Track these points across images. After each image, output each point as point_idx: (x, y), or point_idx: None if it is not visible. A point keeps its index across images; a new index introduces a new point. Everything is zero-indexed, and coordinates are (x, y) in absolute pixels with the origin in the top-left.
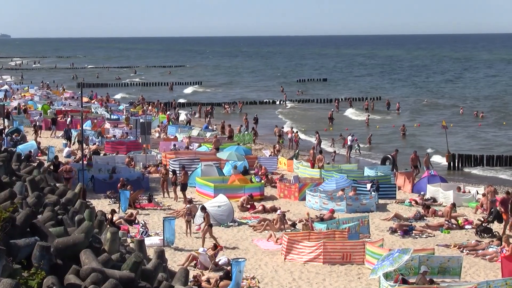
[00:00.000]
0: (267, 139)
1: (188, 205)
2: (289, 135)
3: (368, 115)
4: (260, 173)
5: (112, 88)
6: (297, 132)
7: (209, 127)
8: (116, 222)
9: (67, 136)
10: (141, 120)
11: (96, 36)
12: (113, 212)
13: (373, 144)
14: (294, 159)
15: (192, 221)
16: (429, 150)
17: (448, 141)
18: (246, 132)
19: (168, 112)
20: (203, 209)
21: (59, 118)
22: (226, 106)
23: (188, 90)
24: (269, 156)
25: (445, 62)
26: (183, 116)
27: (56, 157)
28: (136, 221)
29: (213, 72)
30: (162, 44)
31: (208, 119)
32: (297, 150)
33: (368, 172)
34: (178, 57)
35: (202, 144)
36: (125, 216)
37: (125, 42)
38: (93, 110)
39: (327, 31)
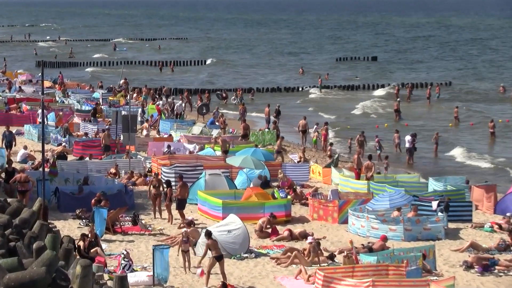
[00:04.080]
0: (292, 140)
1: (186, 229)
2: (315, 133)
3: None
4: (285, 185)
5: (82, 69)
6: (326, 126)
7: (216, 122)
8: (88, 251)
9: (8, 141)
10: (123, 113)
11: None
12: (84, 237)
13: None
14: (332, 167)
15: (192, 251)
16: None
17: None
18: (266, 130)
19: (159, 102)
20: (208, 235)
21: (12, 111)
22: (224, 94)
23: (184, 71)
24: (298, 162)
25: None
26: (180, 106)
27: (9, 162)
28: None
29: (217, 47)
30: (149, 7)
31: (216, 112)
32: (337, 155)
33: (434, 185)
34: (170, 26)
35: (206, 146)
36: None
37: (103, 5)
38: (57, 98)
39: None
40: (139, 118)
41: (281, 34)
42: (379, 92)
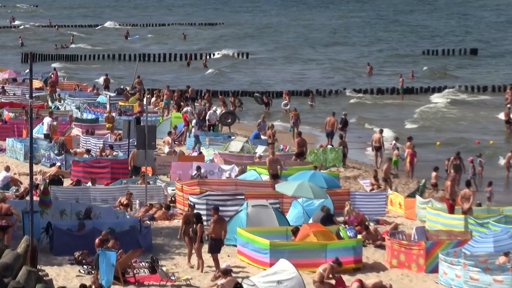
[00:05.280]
0: (362, 159)
1: (221, 281)
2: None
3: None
4: (354, 221)
5: (83, 64)
6: (410, 142)
7: (263, 136)
8: None
9: None
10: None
11: None
12: None
13: None
14: (417, 197)
15: None
16: None
17: None
18: (329, 146)
19: (185, 109)
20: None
21: None
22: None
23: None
24: (371, 190)
25: None
26: (213, 115)
27: None
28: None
29: (260, 35)
30: None
31: (262, 122)
32: (423, 181)
33: None
34: (198, 8)
35: (248, 168)
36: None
37: None
38: (51, 103)
39: None
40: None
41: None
42: (445, 95)
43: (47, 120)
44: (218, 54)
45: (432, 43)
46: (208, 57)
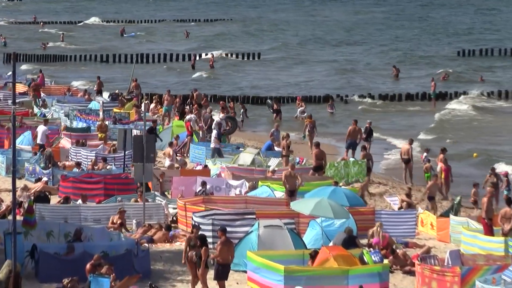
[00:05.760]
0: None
1: None
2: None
3: None
4: (380, 244)
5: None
6: (443, 154)
7: (276, 147)
8: None
9: None
10: (134, 132)
11: None
12: None
13: None
14: (451, 215)
15: None
16: None
17: None
18: (352, 159)
19: (189, 117)
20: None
21: None
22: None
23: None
24: (399, 208)
25: None
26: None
27: None
28: None
29: (273, 34)
30: None
31: (275, 132)
32: (459, 198)
33: None
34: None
35: (260, 183)
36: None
37: None
38: (37, 110)
39: None
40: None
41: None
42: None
43: (41, 129)
44: (206, 55)
45: (466, 41)
46: (198, 57)
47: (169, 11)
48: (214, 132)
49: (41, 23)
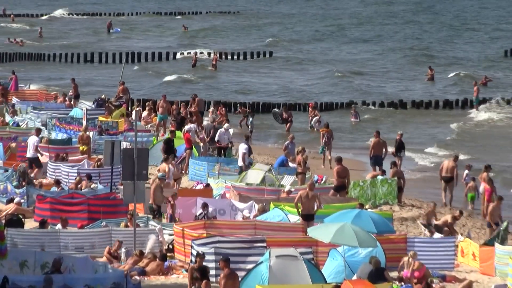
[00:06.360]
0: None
1: None
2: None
3: None
4: (413, 276)
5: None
6: (487, 172)
7: (291, 163)
8: None
9: None
10: (124, 145)
11: None
12: None
13: None
14: (496, 244)
15: None
16: None
17: None
18: (380, 177)
19: (188, 127)
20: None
21: None
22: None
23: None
24: (435, 226)
25: None
26: (224, 134)
27: None
28: None
29: (270, 28)
30: None
31: (289, 144)
32: (506, 223)
33: None
34: None
35: (272, 205)
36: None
37: None
38: (9, 118)
39: None
40: None
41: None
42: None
43: (32, 140)
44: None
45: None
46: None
47: (147, 1)
48: (244, 147)
49: (12, 16)
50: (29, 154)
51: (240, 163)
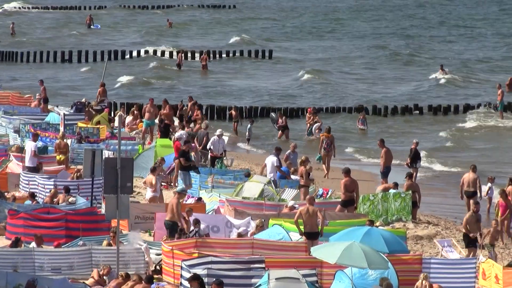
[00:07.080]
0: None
1: None
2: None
3: None
4: None
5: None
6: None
7: (293, 175)
8: None
9: None
10: (106, 154)
11: None
12: None
13: None
14: None
15: None
16: None
17: None
18: (393, 191)
19: (178, 134)
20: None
21: None
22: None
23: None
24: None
25: None
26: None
27: None
28: None
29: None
30: None
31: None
32: None
33: None
34: None
35: (272, 222)
36: None
37: None
38: None
39: None
40: None
41: None
42: None
43: (30, 145)
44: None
45: None
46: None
47: None
48: (274, 159)
49: None
50: (27, 162)
51: (270, 176)
